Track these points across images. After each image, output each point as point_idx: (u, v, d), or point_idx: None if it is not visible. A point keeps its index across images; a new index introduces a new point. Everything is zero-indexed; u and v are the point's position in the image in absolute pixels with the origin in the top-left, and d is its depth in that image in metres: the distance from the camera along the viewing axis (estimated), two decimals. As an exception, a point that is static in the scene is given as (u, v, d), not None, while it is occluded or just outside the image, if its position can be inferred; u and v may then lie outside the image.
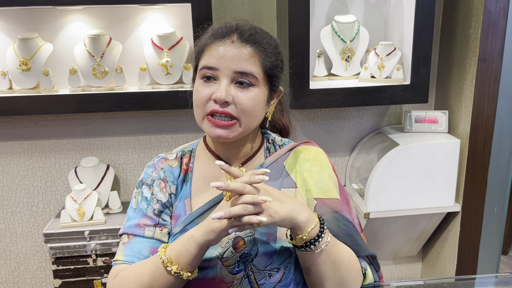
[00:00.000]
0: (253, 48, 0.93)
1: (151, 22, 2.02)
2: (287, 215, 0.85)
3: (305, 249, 0.88)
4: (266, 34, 0.98)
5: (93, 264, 1.96)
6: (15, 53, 1.92)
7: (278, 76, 0.99)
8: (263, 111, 0.98)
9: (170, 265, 0.87)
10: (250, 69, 0.92)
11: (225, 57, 0.92)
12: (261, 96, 0.95)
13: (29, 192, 2.20)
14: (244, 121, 0.94)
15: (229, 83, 0.92)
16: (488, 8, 1.86)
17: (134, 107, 1.94)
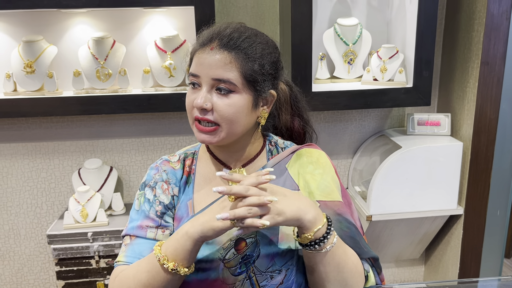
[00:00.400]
0: (231, 54, 0.92)
1: (155, 24, 2.03)
2: (293, 215, 0.85)
3: (310, 248, 0.88)
4: (252, 36, 0.96)
5: (96, 265, 1.97)
6: (20, 55, 1.94)
7: (262, 81, 0.95)
8: (249, 117, 0.96)
9: (166, 262, 0.87)
10: (227, 75, 0.92)
11: (204, 64, 0.93)
12: (241, 102, 0.94)
13: (33, 193, 2.21)
14: (225, 127, 0.94)
15: (209, 90, 0.94)
16: (490, 11, 1.86)
17: (138, 109, 1.95)
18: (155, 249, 0.89)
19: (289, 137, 1.14)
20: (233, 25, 0.97)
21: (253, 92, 0.95)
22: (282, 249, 0.97)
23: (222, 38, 0.94)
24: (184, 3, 1.83)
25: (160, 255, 0.88)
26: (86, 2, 1.80)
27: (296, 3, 1.80)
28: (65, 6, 1.80)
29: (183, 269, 0.88)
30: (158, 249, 0.89)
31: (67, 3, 1.79)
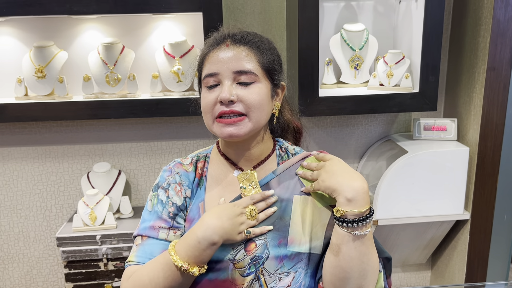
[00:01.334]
0: (247, 47, 0.99)
1: (163, 30, 2.06)
2: (329, 186, 0.95)
3: (340, 224, 0.93)
4: (257, 35, 1.04)
5: (104, 268, 1.99)
6: (31, 60, 1.97)
7: (277, 70, 1.03)
8: (269, 106, 1.02)
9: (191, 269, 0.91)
10: (248, 66, 0.97)
11: (223, 60, 0.97)
12: (264, 90, 0.99)
13: (42, 196, 2.24)
14: (252, 115, 0.97)
15: (231, 83, 0.97)
16: (497, 17, 1.87)
17: (146, 113, 1.97)
18: (175, 260, 0.91)
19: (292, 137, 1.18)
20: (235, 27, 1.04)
21: (270, 81, 1.01)
22: (291, 252, 0.98)
23: (234, 36, 1.00)
24: (193, 9, 1.86)
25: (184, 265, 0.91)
26: (96, 8, 1.83)
27: (303, 9, 1.82)
28: (75, 12, 1.83)
29: (204, 268, 0.93)
30: (179, 259, 0.91)
31: (78, 9, 1.82)
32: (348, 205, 0.91)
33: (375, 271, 0.95)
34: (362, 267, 0.93)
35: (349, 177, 0.94)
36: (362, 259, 0.93)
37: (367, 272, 0.94)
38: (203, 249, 0.91)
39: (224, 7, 2.05)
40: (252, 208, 0.98)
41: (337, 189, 0.93)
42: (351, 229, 0.91)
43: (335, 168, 0.97)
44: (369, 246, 0.94)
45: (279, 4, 2.11)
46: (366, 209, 0.92)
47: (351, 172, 0.96)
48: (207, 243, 0.90)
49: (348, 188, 0.92)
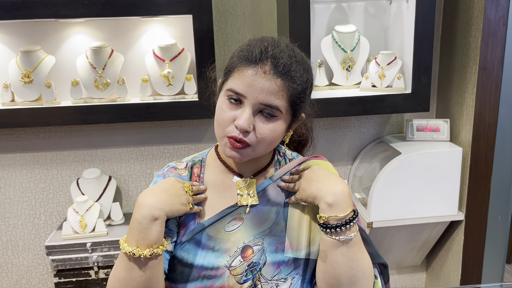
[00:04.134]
0: (283, 82, 0.91)
1: (153, 33, 2.03)
2: (309, 194, 0.94)
3: (324, 231, 0.91)
4: (301, 62, 0.95)
5: (95, 276, 1.95)
6: (18, 65, 1.94)
7: (303, 106, 0.97)
8: (280, 138, 0.98)
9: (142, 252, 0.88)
10: (277, 103, 0.91)
11: (254, 87, 0.90)
12: (282, 127, 0.95)
13: (31, 204, 2.19)
14: (258, 148, 0.94)
15: (253, 112, 0.92)
16: (487, 17, 1.87)
17: (136, 118, 1.94)
18: (123, 247, 0.89)
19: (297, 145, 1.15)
20: (282, 45, 0.95)
21: (291, 115, 0.96)
22: (288, 258, 0.97)
23: (276, 63, 0.90)
24: (182, 12, 1.84)
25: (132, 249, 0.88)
26: (84, 11, 1.80)
27: (294, 11, 1.80)
28: (63, 16, 1.80)
29: (159, 249, 0.90)
30: (127, 245, 0.89)
31: (65, 13, 1.79)
32: (329, 210, 0.90)
33: (366, 276, 0.93)
34: (351, 273, 0.91)
35: (328, 182, 0.93)
36: (350, 265, 0.91)
37: (358, 278, 0.92)
38: (146, 227, 0.88)
39: (214, 10, 2.03)
40: (188, 184, 0.98)
41: (317, 196, 0.92)
42: (335, 234, 0.90)
43: (313, 175, 0.96)
44: (357, 251, 0.92)
45: (269, 6, 2.09)
46: (348, 212, 0.91)
47: (329, 176, 0.95)
48: (148, 220, 0.88)
49: (328, 193, 0.91)
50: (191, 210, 0.97)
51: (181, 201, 0.94)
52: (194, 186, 1.01)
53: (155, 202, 0.90)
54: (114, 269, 0.93)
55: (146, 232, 0.88)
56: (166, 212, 0.91)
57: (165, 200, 0.91)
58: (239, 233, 0.98)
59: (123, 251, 0.89)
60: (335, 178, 0.95)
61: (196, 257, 0.96)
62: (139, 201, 0.91)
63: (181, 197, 0.95)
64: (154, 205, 0.89)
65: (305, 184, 0.95)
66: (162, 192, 0.93)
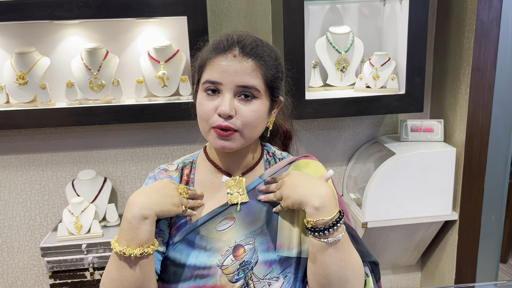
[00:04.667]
0: (254, 62, 0.95)
1: (148, 35, 2.04)
2: (295, 200, 0.94)
3: (313, 234, 0.92)
4: (267, 46, 1.00)
5: (90, 277, 1.95)
6: (12, 67, 1.93)
7: (279, 87, 1.01)
8: (265, 122, 1.00)
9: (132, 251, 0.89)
10: (253, 82, 0.94)
11: (228, 71, 0.94)
12: (263, 108, 0.97)
13: (26, 205, 2.19)
14: (245, 132, 0.96)
15: (232, 96, 0.94)
16: (480, 18, 1.88)
17: (131, 119, 1.94)
18: (114, 247, 0.90)
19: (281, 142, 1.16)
20: (248, 34, 1.00)
21: (270, 98, 1.00)
22: (280, 256, 0.98)
23: (244, 46, 0.96)
24: (177, 14, 1.84)
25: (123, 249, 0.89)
26: (78, 13, 1.80)
27: (288, 12, 1.81)
28: (57, 18, 1.80)
29: (150, 248, 0.90)
30: (118, 245, 0.90)
31: (60, 14, 1.79)
32: (317, 214, 0.90)
33: (356, 274, 0.94)
34: (341, 272, 0.92)
35: (312, 186, 0.93)
36: (339, 265, 0.91)
37: (348, 277, 0.92)
38: (136, 227, 0.89)
39: (209, 11, 2.04)
40: (183, 187, 0.99)
41: (303, 201, 0.92)
42: (323, 237, 0.90)
43: (295, 181, 0.96)
44: (346, 251, 0.92)
45: (264, 8, 2.10)
46: (335, 214, 0.91)
47: (311, 180, 0.95)
48: (137, 220, 0.89)
49: (314, 197, 0.91)
50: (184, 213, 0.97)
51: (173, 202, 0.95)
52: (191, 190, 1.01)
53: (145, 202, 0.91)
54: (106, 270, 0.93)
55: (136, 232, 0.89)
56: (156, 211, 0.91)
57: (156, 200, 0.92)
58: (231, 233, 0.99)
59: (114, 250, 0.90)
60: (318, 180, 0.95)
61: (189, 257, 0.97)
62: (130, 201, 0.91)
63: (173, 198, 0.95)
64: (144, 204, 0.90)
65: (288, 191, 0.95)
66: (153, 192, 0.93)
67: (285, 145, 1.17)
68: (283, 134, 1.16)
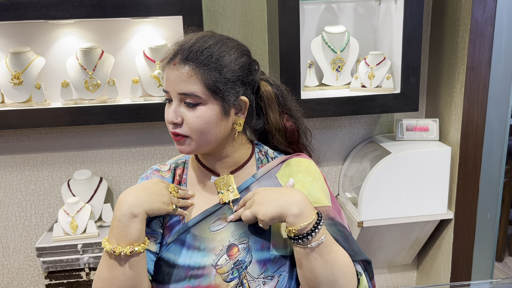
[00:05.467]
0: (191, 67, 0.94)
1: (143, 34, 2.03)
2: (274, 214, 0.91)
3: (296, 242, 0.91)
4: (213, 46, 0.96)
5: (86, 277, 1.94)
6: (7, 67, 1.93)
7: (227, 89, 0.96)
8: (220, 126, 0.97)
9: (122, 249, 0.89)
10: (191, 89, 0.94)
11: (170, 80, 0.96)
12: (209, 112, 0.95)
13: (22, 206, 2.18)
14: (195, 137, 0.96)
15: (179, 104, 0.96)
16: (475, 17, 1.89)
17: (127, 119, 1.94)
18: (104, 245, 0.91)
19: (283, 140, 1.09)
20: (197, 36, 0.99)
21: (220, 101, 0.96)
22: (275, 255, 0.98)
23: (183, 52, 0.96)
24: (172, 13, 1.84)
25: (112, 247, 0.89)
26: (73, 13, 1.80)
27: (284, 12, 1.81)
28: (52, 17, 1.80)
29: (140, 247, 0.91)
30: (108, 244, 0.91)
31: (55, 14, 1.79)
32: (297, 220, 0.90)
33: (344, 274, 0.93)
34: (328, 273, 0.92)
35: (286, 196, 0.92)
36: (325, 267, 0.91)
37: (336, 277, 0.92)
38: (126, 225, 0.89)
39: (205, 11, 2.03)
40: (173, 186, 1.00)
41: (282, 212, 0.90)
42: (307, 242, 0.90)
43: (266, 196, 0.93)
44: (330, 252, 0.92)
45: (260, 7, 2.10)
46: (314, 216, 0.91)
47: (282, 190, 0.95)
48: (127, 218, 0.89)
49: (292, 205, 0.90)
50: (174, 212, 0.97)
51: (163, 200, 0.95)
52: (181, 190, 1.01)
53: (135, 200, 0.91)
54: (98, 269, 0.94)
55: (126, 230, 0.89)
56: (145, 209, 0.91)
57: (145, 198, 0.92)
58: (225, 232, 0.99)
59: (104, 249, 0.90)
60: (288, 189, 0.95)
61: (182, 257, 0.97)
62: (120, 199, 0.92)
63: (163, 196, 0.95)
64: (133, 202, 0.91)
65: (262, 210, 0.91)
66: (142, 190, 0.94)
67: (289, 142, 1.10)
68: (282, 133, 1.09)
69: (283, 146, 1.10)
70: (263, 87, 1.06)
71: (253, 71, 1.03)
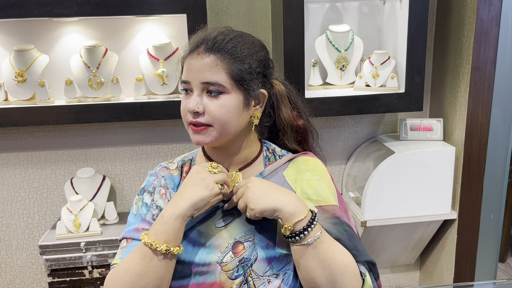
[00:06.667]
0: (217, 56, 0.95)
1: (147, 33, 2.03)
2: (267, 207, 0.91)
3: (292, 240, 0.91)
4: (237, 37, 0.99)
5: (89, 275, 1.94)
6: (11, 64, 1.93)
7: (250, 80, 0.98)
8: (241, 117, 0.99)
9: (159, 245, 0.90)
10: (215, 78, 0.95)
11: (193, 70, 0.96)
12: (232, 102, 0.96)
13: (25, 203, 2.19)
14: (217, 127, 0.97)
15: (200, 93, 0.97)
16: (480, 17, 1.88)
17: (130, 117, 1.94)
18: (143, 237, 0.92)
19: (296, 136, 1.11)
20: (218, 29, 1.01)
21: (242, 91, 0.98)
22: (280, 253, 0.98)
23: (207, 42, 0.97)
24: (177, 11, 1.84)
25: (150, 241, 0.90)
26: (78, 10, 1.79)
27: (288, 11, 1.81)
28: (56, 15, 1.80)
29: (175, 248, 0.91)
30: (146, 237, 0.92)
31: (59, 11, 1.79)
32: (292, 218, 0.91)
33: (343, 273, 0.92)
34: (326, 272, 0.91)
35: (279, 191, 0.94)
36: (323, 266, 0.91)
37: (334, 277, 0.92)
38: (166, 222, 0.91)
39: (209, 9, 2.03)
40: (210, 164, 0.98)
41: (277, 208, 0.91)
42: (303, 239, 0.90)
43: (260, 187, 0.94)
44: (327, 250, 0.92)
45: (264, 6, 2.10)
46: (308, 213, 0.92)
47: (277, 187, 0.95)
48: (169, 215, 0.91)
49: (287, 202, 0.91)
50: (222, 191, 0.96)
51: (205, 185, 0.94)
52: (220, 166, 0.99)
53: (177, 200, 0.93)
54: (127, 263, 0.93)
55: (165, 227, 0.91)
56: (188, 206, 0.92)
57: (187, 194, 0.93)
58: (230, 229, 0.99)
59: (142, 242, 0.91)
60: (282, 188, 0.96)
61: (188, 254, 0.97)
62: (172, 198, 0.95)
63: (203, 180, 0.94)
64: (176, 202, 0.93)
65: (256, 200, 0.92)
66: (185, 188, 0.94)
67: (298, 141, 1.12)
68: (295, 129, 1.11)
69: (294, 144, 1.12)
70: (276, 86, 1.09)
71: (270, 66, 1.06)
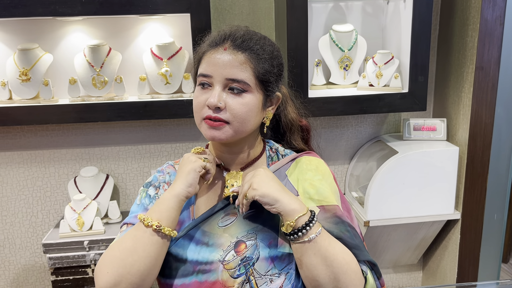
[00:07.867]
0: (245, 55, 0.96)
1: (151, 32, 2.03)
2: (270, 192, 0.92)
3: (293, 237, 0.92)
4: (261, 39, 1.00)
5: (92, 274, 1.95)
6: (15, 63, 1.93)
7: (273, 82, 1.00)
8: (258, 116, 1.00)
9: (150, 221, 0.92)
10: (242, 76, 0.95)
11: (218, 64, 0.95)
12: (254, 101, 0.97)
13: (28, 202, 2.19)
14: (235, 125, 0.96)
15: (222, 89, 0.96)
16: (484, 16, 1.88)
17: (134, 116, 1.94)
18: (139, 216, 0.94)
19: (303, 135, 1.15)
20: (242, 28, 1.01)
21: (263, 92, 0.99)
22: (282, 253, 0.98)
23: (235, 39, 0.97)
24: (180, 11, 1.84)
25: (143, 216, 0.93)
26: (81, 10, 1.80)
27: (292, 10, 1.81)
28: (60, 14, 1.80)
29: (166, 228, 0.92)
30: (142, 214, 0.95)
31: (63, 11, 1.79)
32: (294, 213, 0.91)
33: (345, 272, 0.92)
34: (328, 270, 0.91)
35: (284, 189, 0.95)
36: (325, 263, 0.91)
37: (337, 275, 0.91)
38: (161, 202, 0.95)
39: (212, 8, 2.03)
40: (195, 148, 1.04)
41: (279, 198, 0.92)
42: (305, 236, 0.91)
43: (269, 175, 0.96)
44: (328, 248, 0.92)
45: (267, 5, 2.10)
46: (307, 210, 0.93)
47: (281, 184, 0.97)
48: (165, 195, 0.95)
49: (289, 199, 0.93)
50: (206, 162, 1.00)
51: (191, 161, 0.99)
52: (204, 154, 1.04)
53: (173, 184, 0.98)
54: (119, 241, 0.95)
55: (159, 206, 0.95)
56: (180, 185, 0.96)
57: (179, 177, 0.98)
58: (233, 228, 0.99)
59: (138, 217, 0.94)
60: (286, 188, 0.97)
61: (191, 252, 0.98)
62: None
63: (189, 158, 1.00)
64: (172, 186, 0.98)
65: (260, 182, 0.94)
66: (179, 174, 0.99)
67: (304, 139, 1.16)
68: (300, 129, 1.15)
69: (301, 143, 1.14)
70: (282, 88, 1.10)
71: (283, 70, 1.07)
